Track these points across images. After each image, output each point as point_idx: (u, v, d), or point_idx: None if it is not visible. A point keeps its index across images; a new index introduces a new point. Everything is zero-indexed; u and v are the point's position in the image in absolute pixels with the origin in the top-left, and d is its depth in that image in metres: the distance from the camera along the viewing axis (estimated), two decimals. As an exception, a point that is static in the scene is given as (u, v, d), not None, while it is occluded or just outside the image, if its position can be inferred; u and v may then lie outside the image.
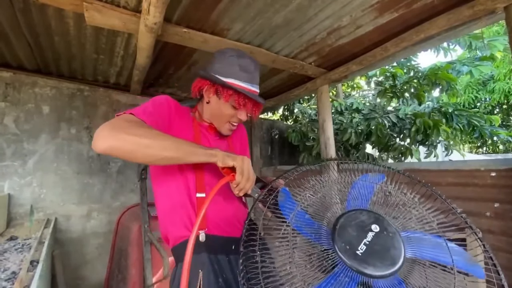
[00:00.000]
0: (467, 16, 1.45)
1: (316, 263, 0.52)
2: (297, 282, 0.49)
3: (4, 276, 1.08)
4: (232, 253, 0.82)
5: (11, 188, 2.14)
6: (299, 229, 0.59)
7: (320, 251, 0.53)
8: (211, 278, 0.74)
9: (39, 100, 2.30)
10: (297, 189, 0.69)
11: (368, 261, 0.47)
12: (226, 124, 0.94)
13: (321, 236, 0.54)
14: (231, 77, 0.88)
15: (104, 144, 0.62)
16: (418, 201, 0.65)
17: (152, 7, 1.25)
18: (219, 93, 0.88)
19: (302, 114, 4.17)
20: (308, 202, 0.64)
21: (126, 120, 0.68)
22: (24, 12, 1.53)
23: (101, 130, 0.63)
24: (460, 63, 3.16)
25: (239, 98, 0.87)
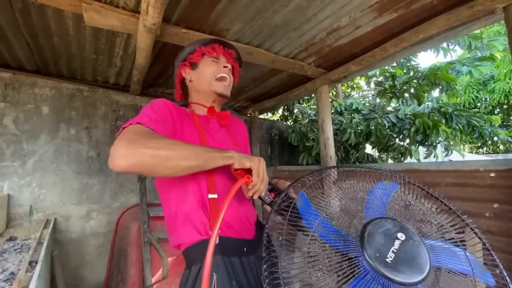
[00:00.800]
0: (467, 16, 1.45)
1: (348, 270, 0.52)
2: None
3: (3, 277, 1.08)
4: (245, 255, 0.80)
5: (10, 189, 2.14)
6: (324, 237, 0.59)
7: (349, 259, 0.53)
8: (225, 281, 0.72)
9: (39, 101, 2.30)
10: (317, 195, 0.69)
11: (398, 269, 0.48)
12: (216, 82, 0.95)
13: (349, 244, 0.54)
14: (195, 46, 0.98)
15: (124, 162, 0.58)
16: (435, 211, 0.66)
17: (151, 7, 1.25)
18: (193, 62, 0.96)
19: (302, 115, 4.17)
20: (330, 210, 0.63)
21: (137, 132, 0.65)
22: (23, 13, 1.53)
23: (118, 149, 0.59)
24: (460, 63, 3.16)
25: (207, 48, 0.95)
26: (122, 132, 0.65)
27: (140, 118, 0.71)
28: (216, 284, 0.71)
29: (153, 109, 0.78)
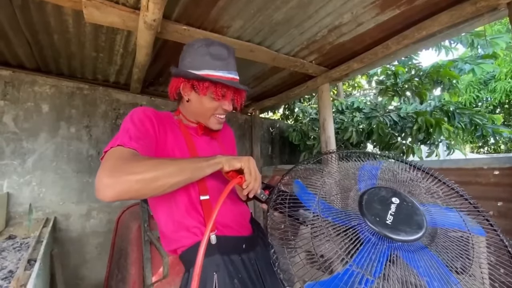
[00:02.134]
0: (470, 12, 1.43)
1: (353, 236, 0.56)
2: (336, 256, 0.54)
3: (1, 275, 1.07)
4: (244, 252, 0.80)
5: (10, 187, 2.13)
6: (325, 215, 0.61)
7: (352, 227, 0.56)
8: (227, 280, 0.72)
9: (39, 99, 2.29)
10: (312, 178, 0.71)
11: (398, 228, 0.52)
12: (212, 118, 0.89)
13: (350, 215, 0.55)
14: (204, 69, 0.82)
15: (111, 193, 0.58)
16: (421, 176, 0.69)
17: (151, 3, 1.24)
18: (196, 88, 0.84)
19: (303, 113, 4.15)
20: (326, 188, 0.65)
21: (119, 157, 0.63)
22: (23, 10, 1.52)
23: (102, 179, 0.58)
24: (462, 61, 3.14)
25: (217, 88, 0.83)
26: (104, 158, 0.64)
27: (121, 137, 0.69)
28: (218, 284, 0.70)
29: (133, 123, 0.75)
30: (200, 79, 0.82)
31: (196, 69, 0.83)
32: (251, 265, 0.79)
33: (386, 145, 2.94)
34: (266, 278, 0.80)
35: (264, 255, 0.84)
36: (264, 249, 0.86)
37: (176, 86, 0.88)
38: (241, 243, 0.80)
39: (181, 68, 0.86)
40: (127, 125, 0.74)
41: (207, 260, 0.71)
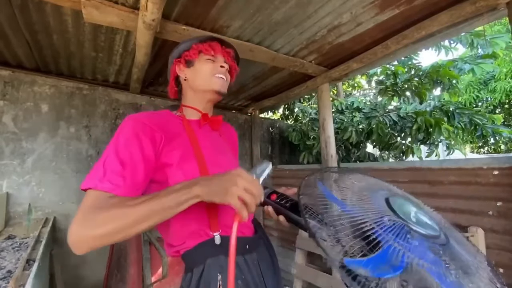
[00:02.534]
0: (469, 12, 1.43)
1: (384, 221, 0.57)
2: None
3: (0, 275, 1.07)
4: (247, 252, 0.78)
5: (9, 187, 2.13)
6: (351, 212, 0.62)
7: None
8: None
9: (38, 99, 2.29)
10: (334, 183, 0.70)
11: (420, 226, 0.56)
12: (214, 79, 0.89)
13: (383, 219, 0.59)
14: (191, 43, 0.92)
15: (80, 250, 0.59)
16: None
17: (150, 3, 1.24)
18: (188, 59, 0.90)
19: (303, 113, 4.15)
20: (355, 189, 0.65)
21: (87, 209, 0.60)
22: (22, 9, 1.52)
23: (70, 235, 0.59)
24: (462, 61, 3.14)
25: (204, 45, 0.90)
26: (80, 206, 0.62)
27: (94, 174, 0.65)
28: (222, 284, 0.69)
29: (115, 149, 0.68)
30: (188, 48, 0.91)
31: (185, 49, 0.92)
32: (254, 266, 0.78)
33: (385, 145, 2.94)
34: (268, 280, 0.79)
35: (266, 256, 0.84)
36: (265, 250, 0.86)
37: (173, 71, 0.94)
38: (245, 244, 0.78)
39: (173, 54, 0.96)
40: (109, 152, 0.69)
41: (211, 260, 0.71)
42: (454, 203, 1.56)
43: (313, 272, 2.19)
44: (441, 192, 1.64)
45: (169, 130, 0.79)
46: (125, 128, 0.73)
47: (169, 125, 0.82)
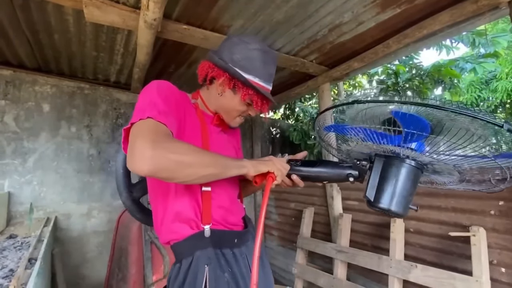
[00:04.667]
0: (471, 11, 1.43)
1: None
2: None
3: (2, 274, 1.07)
4: (236, 246, 0.81)
5: (11, 186, 2.13)
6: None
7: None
8: (218, 273, 0.72)
9: (39, 98, 2.30)
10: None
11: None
12: (237, 118, 0.89)
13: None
14: (252, 74, 0.80)
15: (148, 167, 0.55)
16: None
17: (152, 2, 1.24)
18: (237, 89, 0.81)
19: (304, 113, 4.15)
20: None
21: (156, 131, 0.59)
22: (24, 9, 1.52)
23: (144, 149, 0.54)
24: (464, 60, 3.13)
25: (258, 99, 0.82)
26: (138, 128, 0.59)
27: (149, 109, 0.63)
28: (208, 276, 0.70)
29: (160, 97, 0.69)
30: (247, 84, 0.80)
31: (245, 71, 0.80)
32: (242, 260, 0.80)
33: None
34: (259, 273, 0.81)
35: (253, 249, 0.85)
36: (253, 243, 0.86)
37: (212, 75, 0.83)
38: (234, 237, 0.81)
39: (227, 61, 0.80)
40: (153, 98, 0.67)
41: (200, 252, 0.72)
42: (456, 202, 1.56)
43: (314, 271, 2.18)
44: (442, 191, 1.64)
45: (187, 110, 0.80)
46: (160, 86, 0.73)
47: (187, 108, 0.81)
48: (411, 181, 0.66)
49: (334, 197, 2.26)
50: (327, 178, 0.78)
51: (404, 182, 0.65)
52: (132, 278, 1.87)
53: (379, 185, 0.67)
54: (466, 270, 1.41)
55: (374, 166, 0.70)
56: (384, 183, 0.67)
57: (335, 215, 2.25)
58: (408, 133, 0.61)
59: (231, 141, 0.99)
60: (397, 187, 0.65)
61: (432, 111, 0.58)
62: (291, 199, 2.81)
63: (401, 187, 0.65)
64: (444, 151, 0.61)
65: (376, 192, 0.67)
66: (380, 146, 0.67)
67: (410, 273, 1.56)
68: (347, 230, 2.08)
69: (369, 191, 0.68)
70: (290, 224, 2.80)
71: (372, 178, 0.69)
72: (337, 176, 0.76)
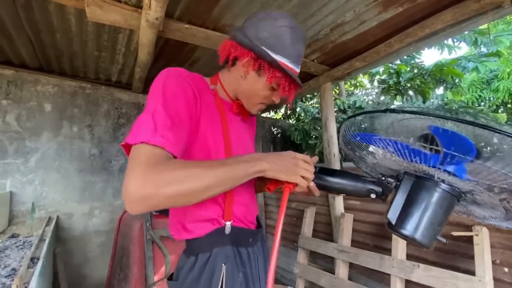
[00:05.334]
0: (473, 10, 1.42)
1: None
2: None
3: (5, 273, 1.08)
4: (250, 245, 0.78)
5: (13, 186, 2.14)
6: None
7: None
8: (234, 272, 0.70)
9: (41, 98, 2.30)
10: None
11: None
12: (259, 105, 0.81)
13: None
14: (280, 54, 0.71)
15: (140, 209, 0.51)
16: None
17: (154, 1, 1.24)
18: (262, 70, 0.73)
19: (305, 113, 4.15)
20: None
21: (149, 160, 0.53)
22: (26, 8, 1.52)
23: (133, 191, 0.50)
24: (466, 60, 3.12)
25: (286, 82, 0.73)
26: (131, 158, 0.54)
27: (145, 127, 0.57)
28: (225, 275, 0.68)
29: (164, 101, 0.61)
30: (275, 65, 0.71)
31: (272, 51, 0.71)
32: (254, 260, 0.77)
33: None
34: (262, 274, 0.79)
35: (261, 250, 0.83)
36: (261, 244, 0.84)
37: (236, 55, 0.74)
38: (249, 236, 0.78)
39: (253, 40, 0.72)
40: (156, 105, 0.60)
41: (218, 249, 0.70)
42: (458, 202, 1.56)
43: (315, 271, 2.18)
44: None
45: (204, 100, 0.73)
46: (169, 82, 0.65)
47: (204, 94, 0.74)
48: (443, 210, 0.58)
49: (336, 197, 2.26)
50: (346, 191, 0.70)
51: (435, 209, 0.57)
52: (134, 278, 1.87)
53: (404, 207, 0.59)
54: (469, 270, 1.40)
55: (402, 185, 0.62)
56: (410, 206, 0.59)
57: (336, 214, 2.24)
58: (448, 154, 0.53)
59: (249, 130, 0.92)
60: (425, 214, 0.57)
61: (482, 132, 0.48)
62: (292, 199, 2.81)
63: (431, 214, 0.57)
64: (491, 181, 0.52)
65: (400, 215, 0.59)
66: (411, 164, 0.60)
67: (412, 273, 1.56)
68: (348, 230, 2.07)
69: (391, 213, 0.60)
70: (291, 224, 2.80)
71: (397, 199, 0.61)
72: (357, 190, 0.68)
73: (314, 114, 3.72)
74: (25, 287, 0.92)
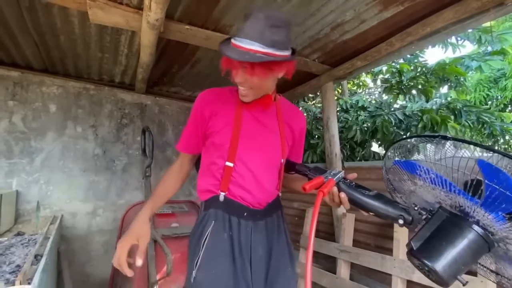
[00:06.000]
0: (475, 8, 1.41)
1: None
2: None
3: (9, 269, 1.10)
4: (244, 218, 0.90)
5: (19, 185, 2.18)
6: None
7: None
8: (220, 229, 0.87)
9: (46, 99, 2.34)
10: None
11: None
12: (239, 91, 0.88)
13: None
14: (234, 37, 0.82)
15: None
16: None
17: (154, 3, 1.26)
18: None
19: (307, 112, 4.14)
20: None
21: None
22: (30, 11, 1.55)
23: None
24: (469, 58, 3.08)
25: (222, 59, 0.83)
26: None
27: (181, 137, 1.01)
28: (211, 230, 0.87)
29: (189, 120, 0.97)
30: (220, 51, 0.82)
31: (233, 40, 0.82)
32: (245, 229, 0.89)
33: (390, 144, 2.91)
34: (258, 249, 0.89)
35: (263, 230, 0.92)
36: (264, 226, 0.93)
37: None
38: (244, 211, 0.90)
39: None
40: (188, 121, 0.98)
41: (212, 210, 0.90)
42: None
43: (317, 271, 2.18)
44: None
45: (220, 104, 0.93)
46: (194, 104, 0.96)
47: (224, 99, 0.94)
48: (472, 252, 0.55)
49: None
50: (375, 211, 0.69)
51: (463, 248, 0.54)
52: (137, 276, 1.89)
53: (430, 239, 0.58)
54: (471, 270, 1.39)
55: (433, 218, 0.61)
56: (438, 239, 0.57)
57: (338, 214, 2.24)
58: (491, 198, 0.51)
59: (271, 125, 0.96)
60: (452, 250, 0.55)
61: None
62: (294, 199, 2.81)
63: (458, 252, 0.54)
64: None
65: (425, 244, 0.58)
66: (449, 197, 0.58)
67: (414, 273, 1.55)
68: (350, 230, 2.07)
69: (415, 241, 0.59)
70: (293, 223, 2.80)
71: (424, 229, 0.60)
72: (387, 213, 0.67)
73: (316, 114, 3.72)
74: (28, 283, 0.94)
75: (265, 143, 0.93)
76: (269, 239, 0.92)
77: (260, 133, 0.93)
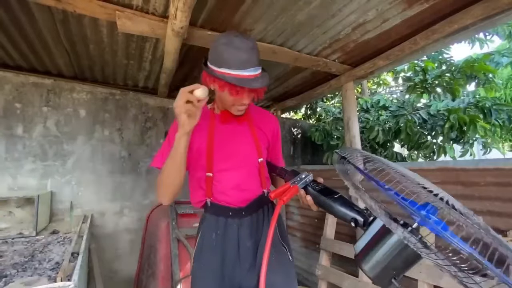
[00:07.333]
0: (506, 3, 1.34)
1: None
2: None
3: (49, 266, 1.18)
4: (230, 217, 1.02)
5: (53, 186, 2.32)
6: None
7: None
8: (209, 229, 1.02)
9: (76, 104, 2.48)
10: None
11: None
12: (233, 108, 0.99)
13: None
14: (223, 67, 0.89)
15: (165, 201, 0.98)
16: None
17: (179, 12, 1.30)
18: (215, 84, 0.92)
19: (326, 113, 4.09)
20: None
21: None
22: (64, 23, 1.66)
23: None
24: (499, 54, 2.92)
25: (231, 88, 0.89)
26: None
27: (156, 155, 1.04)
28: (203, 229, 1.04)
29: (167, 140, 1.02)
30: (218, 77, 0.89)
31: (217, 66, 0.90)
32: (231, 228, 1.01)
33: (415, 145, 2.82)
34: (245, 242, 1.00)
35: (249, 225, 1.02)
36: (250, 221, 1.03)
37: (203, 78, 0.96)
38: (229, 211, 1.02)
39: (209, 63, 0.93)
40: (163, 143, 1.05)
41: (205, 213, 1.06)
42: (491, 205, 1.47)
43: (338, 274, 2.16)
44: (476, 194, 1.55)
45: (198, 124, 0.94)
46: (170, 130, 1.04)
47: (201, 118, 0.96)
48: (401, 257, 0.59)
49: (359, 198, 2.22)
50: (334, 213, 0.75)
51: (390, 253, 0.58)
52: (161, 274, 1.96)
53: (369, 242, 0.62)
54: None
55: (376, 221, 0.65)
56: (373, 243, 0.61)
57: (360, 216, 2.20)
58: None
59: (243, 131, 1.07)
60: (381, 254, 0.59)
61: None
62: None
63: (386, 255, 0.59)
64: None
65: (364, 248, 0.62)
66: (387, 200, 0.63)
67: (441, 279, 1.50)
68: (373, 233, 2.03)
69: (358, 243, 0.64)
70: (313, 225, 2.78)
71: (367, 233, 0.64)
72: (343, 215, 0.73)
73: (336, 114, 3.67)
74: (68, 279, 1.01)
75: (238, 147, 1.03)
76: (258, 232, 1.03)
77: (232, 139, 1.03)
